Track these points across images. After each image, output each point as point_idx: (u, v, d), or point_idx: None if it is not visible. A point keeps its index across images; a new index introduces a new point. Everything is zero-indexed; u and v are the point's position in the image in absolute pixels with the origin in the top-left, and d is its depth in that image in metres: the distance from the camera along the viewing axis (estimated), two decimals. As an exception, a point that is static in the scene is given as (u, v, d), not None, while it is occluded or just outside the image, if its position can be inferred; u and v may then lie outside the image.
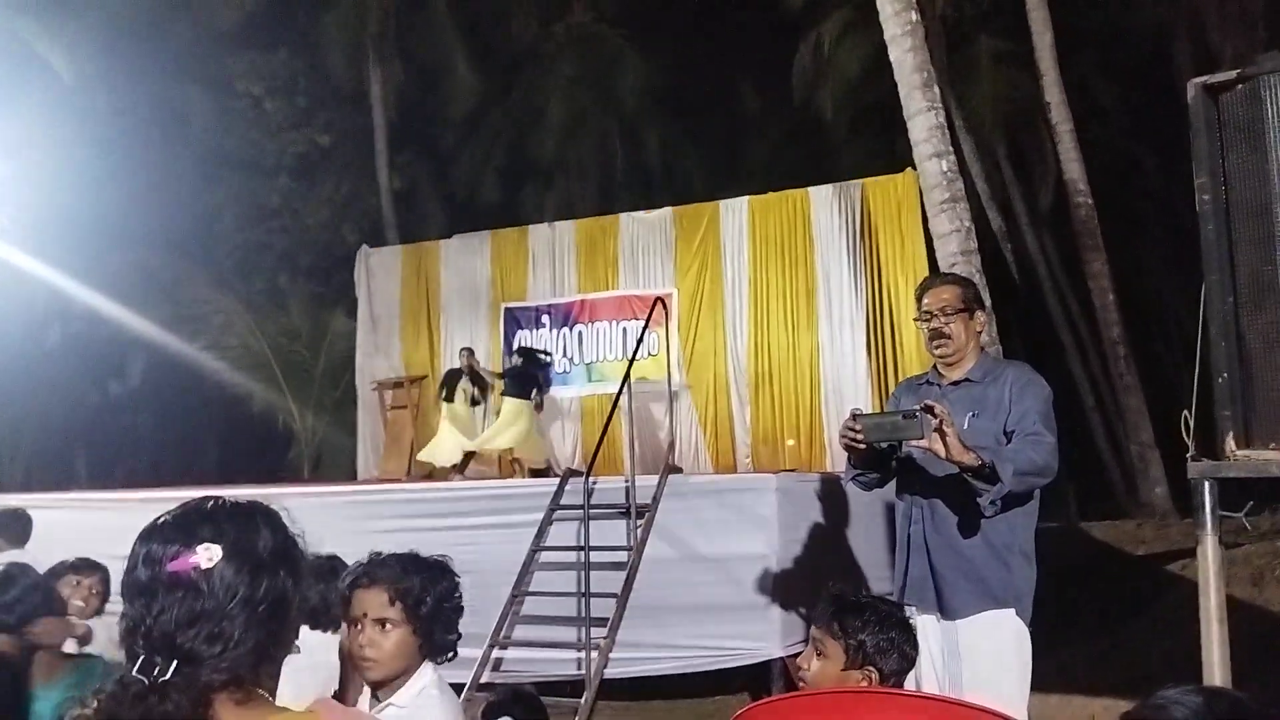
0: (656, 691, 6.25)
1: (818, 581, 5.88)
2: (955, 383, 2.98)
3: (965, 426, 2.79)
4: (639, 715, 6.19)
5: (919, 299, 3.09)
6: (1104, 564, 7.25)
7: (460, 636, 2.11)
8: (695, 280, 10.74)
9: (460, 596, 2.10)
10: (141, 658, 1.16)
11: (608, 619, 5.42)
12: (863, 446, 2.69)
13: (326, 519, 6.29)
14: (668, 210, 11.20)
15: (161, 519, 1.24)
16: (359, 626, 2.00)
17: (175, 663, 1.14)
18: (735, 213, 10.69)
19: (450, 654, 2.09)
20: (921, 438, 2.57)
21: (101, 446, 16.22)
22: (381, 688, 2.00)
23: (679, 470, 7.52)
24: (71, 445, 15.89)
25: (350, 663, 2.05)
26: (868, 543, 6.97)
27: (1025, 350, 15.73)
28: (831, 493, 6.54)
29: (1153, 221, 16.47)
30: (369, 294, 12.46)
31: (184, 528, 1.22)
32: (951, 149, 7.13)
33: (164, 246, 14.74)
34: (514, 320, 11.55)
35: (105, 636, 3.87)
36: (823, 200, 10.29)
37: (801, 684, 2.22)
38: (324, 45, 15.91)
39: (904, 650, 2.11)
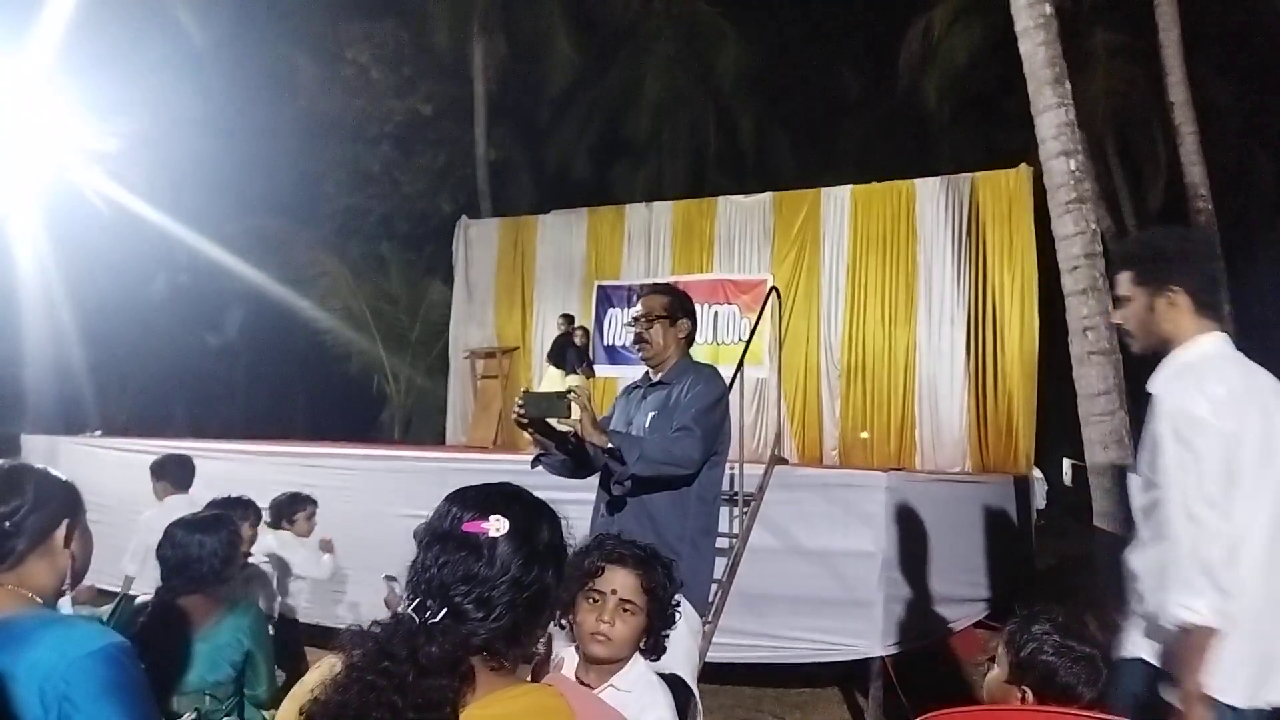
0: (745, 678, 6.26)
1: (921, 584, 5.82)
2: (654, 384, 3.21)
3: (647, 424, 3.08)
4: (728, 698, 6.20)
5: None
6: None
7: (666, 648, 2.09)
8: (792, 268, 10.65)
9: (680, 606, 2.11)
10: (418, 600, 1.27)
11: (711, 603, 5.44)
12: (525, 420, 2.86)
13: (413, 484, 6.42)
14: (767, 195, 11.10)
15: (471, 488, 1.37)
16: (597, 601, 1.98)
17: (445, 611, 1.24)
18: (837, 201, 10.55)
19: (656, 658, 2.06)
20: (568, 416, 2.79)
21: (199, 395, 16.86)
22: (596, 665, 1.98)
23: (784, 461, 7.49)
24: (171, 393, 16.53)
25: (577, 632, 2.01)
26: (968, 546, 6.89)
27: (1131, 354, 15.19)
28: (937, 494, 6.47)
29: (1265, 225, 15.77)
30: (466, 264, 12.66)
31: (485, 498, 1.34)
32: (1080, 148, 6.88)
33: (271, 207, 15.19)
34: (606, 297, 11.62)
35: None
36: (929, 193, 10.08)
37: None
38: (430, 16, 16.12)
39: (1068, 684, 1.95)
